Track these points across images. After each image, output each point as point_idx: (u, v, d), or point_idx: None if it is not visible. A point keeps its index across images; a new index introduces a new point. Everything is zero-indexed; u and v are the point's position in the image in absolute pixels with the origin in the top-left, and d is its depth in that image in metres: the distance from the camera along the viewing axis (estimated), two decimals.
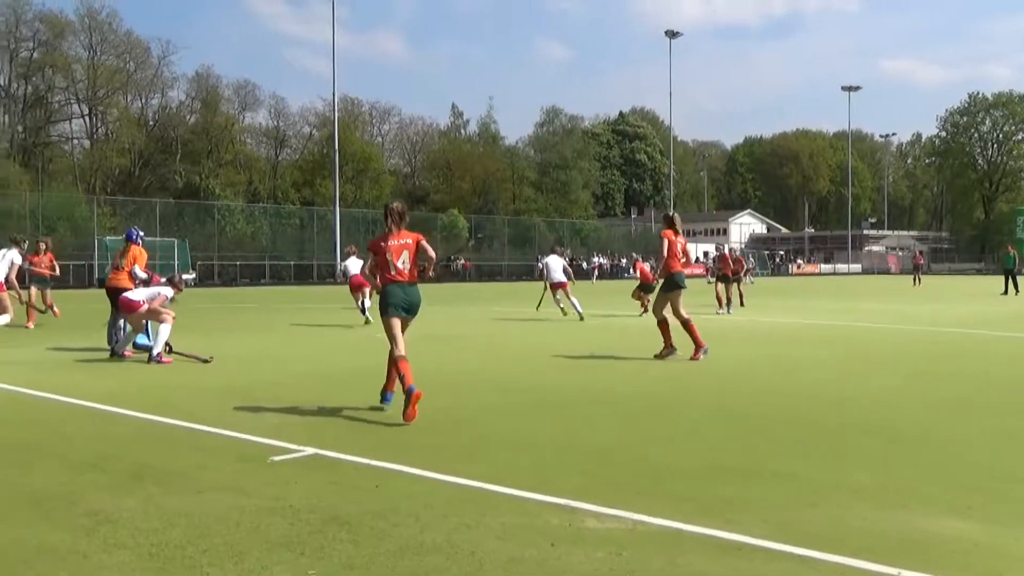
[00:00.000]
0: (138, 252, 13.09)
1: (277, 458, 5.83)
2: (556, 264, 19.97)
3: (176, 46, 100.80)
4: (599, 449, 6.22)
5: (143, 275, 13.05)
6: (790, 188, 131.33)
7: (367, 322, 17.33)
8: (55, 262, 18.11)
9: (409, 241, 7.59)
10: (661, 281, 12.01)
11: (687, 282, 12.05)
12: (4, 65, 69.89)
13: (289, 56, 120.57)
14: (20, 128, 70.81)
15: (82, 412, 7.92)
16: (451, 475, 5.33)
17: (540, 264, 20.53)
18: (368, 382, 9.52)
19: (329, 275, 51.53)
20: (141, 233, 13.77)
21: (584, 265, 66.47)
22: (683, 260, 11.86)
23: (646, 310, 19.96)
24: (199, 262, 50.59)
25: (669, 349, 11.63)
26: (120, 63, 74.42)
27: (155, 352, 11.30)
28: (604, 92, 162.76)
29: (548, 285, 20.12)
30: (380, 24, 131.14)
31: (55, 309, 17.74)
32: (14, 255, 14.85)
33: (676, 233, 11.91)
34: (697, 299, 28.66)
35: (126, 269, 12.91)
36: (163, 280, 12.74)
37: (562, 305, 19.93)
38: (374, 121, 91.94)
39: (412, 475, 5.39)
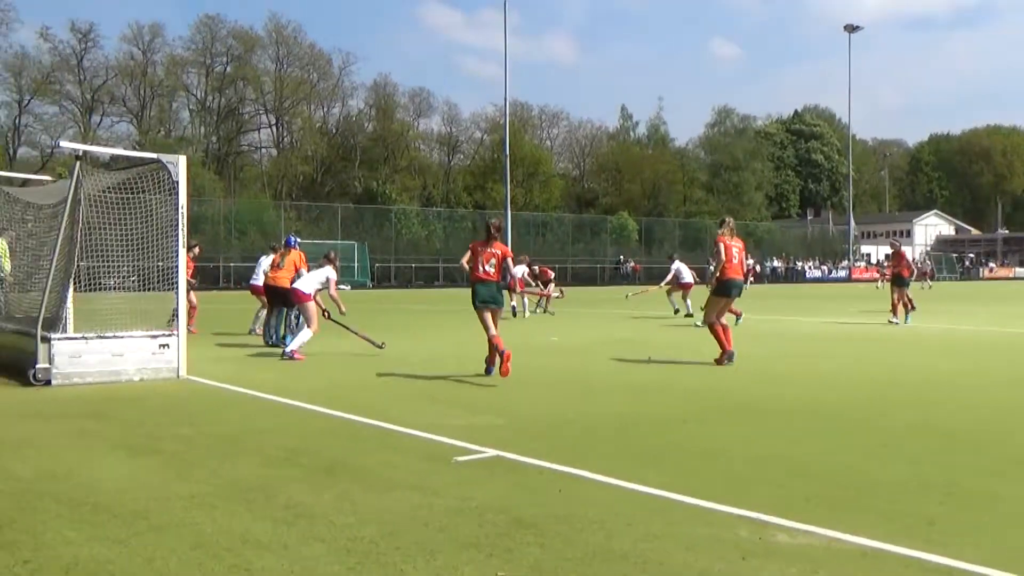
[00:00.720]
0: (298, 256, 14.11)
1: (461, 459, 5.93)
2: (685, 268, 21.87)
3: (355, 56, 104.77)
4: (790, 460, 6.01)
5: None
6: (981, 188, 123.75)
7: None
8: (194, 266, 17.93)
9: (498, 252, 9.96)
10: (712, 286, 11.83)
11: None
12: (201, 80, 74.67)
13: (461, 62, 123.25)
14: (214, 139, 75.46)
15: (274, 407, 8.32)
16: (636, 483, 5.26)
17: (673, 268, 21.89)
18: (550, 383, 9.59)
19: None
20: (297, 240, 15.22)
21: (757, 268, 64.95)
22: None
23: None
24: (376, 264, 52.37)
25: (726, 354, 11.45)
26: (304, 74, 78.12)
27: (288, 350, 12.00)
28: (777, 90, 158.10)
29: (678, 286, 21.65)
30: (550, 27, 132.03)
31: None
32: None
33: (731, 238, 11.68)
34: (864, 305, 27.42)
35: (285, 269, 13.88)
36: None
37: (678, 306, 21.59)
38: (543, 125, 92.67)
39: (596, 481, 5.36)
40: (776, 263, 70.50)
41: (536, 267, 23.30)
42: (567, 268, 55.23)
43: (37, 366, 9.37)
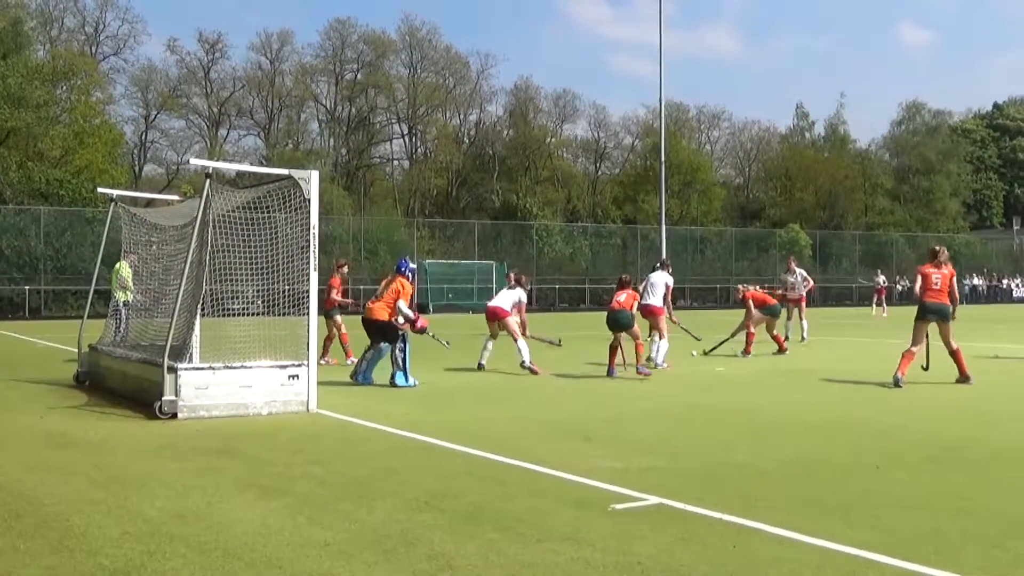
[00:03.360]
0: (402, 285, 13.20)
1: (619, 506, 5.85)
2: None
3: (495, 58, 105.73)
4: (1007, 516, 5.67)
5: (408, 312, 13.16)
6: None
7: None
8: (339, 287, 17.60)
9: (629, 291, 14.39)
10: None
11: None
12: (330, 88, 77.28)
13: (609, 61, 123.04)
14: (344, 151, 77.86)
15: (409, 444, 8.43)
16: (823, 538, 5.06)
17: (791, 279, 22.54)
18: (714, 420, 9.39)
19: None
20: (412, 265, 14.08)
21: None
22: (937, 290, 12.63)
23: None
24: None
25: (963, 378, 12.60)
26: (439, 79, 79.67)
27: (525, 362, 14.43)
28: (978, 81, 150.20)
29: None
30: (710, 19, 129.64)
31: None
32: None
33: (938, 266, 12.73)
34: None
35: (384, 300, 13.12)
36: (402, 320, 13.15)
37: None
38: (702, 127, 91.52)
39: (776, 535, 5.18)
40: (976, 281, 67.31)
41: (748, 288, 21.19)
42: (729, 289, 54.19)
43: (163, 398, 9.77)
